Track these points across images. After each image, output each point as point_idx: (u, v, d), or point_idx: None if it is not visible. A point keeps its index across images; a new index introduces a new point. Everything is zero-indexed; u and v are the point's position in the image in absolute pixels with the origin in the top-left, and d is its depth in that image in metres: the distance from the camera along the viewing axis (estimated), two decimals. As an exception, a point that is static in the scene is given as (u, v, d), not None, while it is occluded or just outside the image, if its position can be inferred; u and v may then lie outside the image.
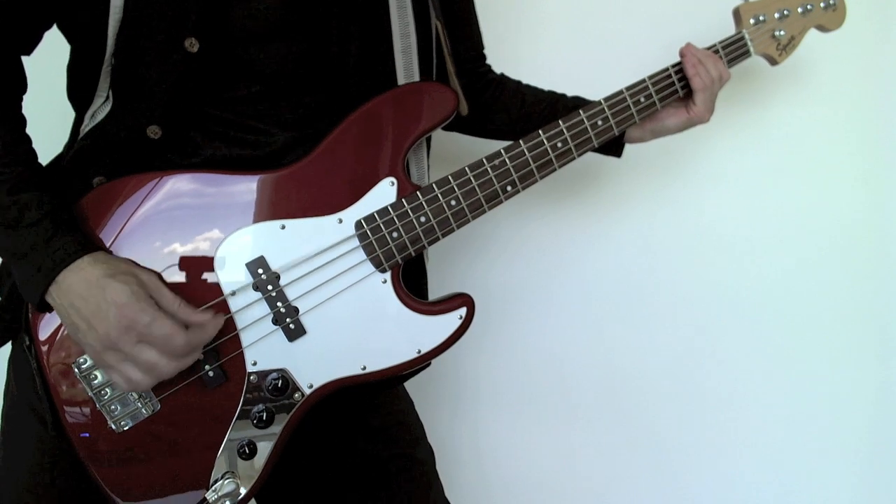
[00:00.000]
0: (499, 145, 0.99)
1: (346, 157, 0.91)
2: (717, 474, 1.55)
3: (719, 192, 1.47)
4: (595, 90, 1.11)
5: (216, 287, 0.87)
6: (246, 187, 0.88)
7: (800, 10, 1.18)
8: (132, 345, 0.77)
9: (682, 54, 1.10)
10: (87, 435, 0.85)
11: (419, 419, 1.09)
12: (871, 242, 1.49)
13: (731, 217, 1.48)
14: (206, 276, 0.87)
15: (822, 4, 1.19)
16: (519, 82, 1.21)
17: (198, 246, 0.87)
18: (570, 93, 1.17)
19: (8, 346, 0.93)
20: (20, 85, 0.85)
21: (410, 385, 1.10)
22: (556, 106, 1.15)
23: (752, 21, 1.15)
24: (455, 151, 1.22)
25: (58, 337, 0.84)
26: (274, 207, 0.89)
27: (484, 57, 1.20)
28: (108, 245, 0.85)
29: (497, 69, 1.22)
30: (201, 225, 0.87)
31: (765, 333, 1.51)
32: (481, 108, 1.15)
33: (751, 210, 1.48)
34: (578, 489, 1.55)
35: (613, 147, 1.17)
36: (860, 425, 1.53)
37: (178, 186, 0.87)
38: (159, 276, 0.84)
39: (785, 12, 1.17)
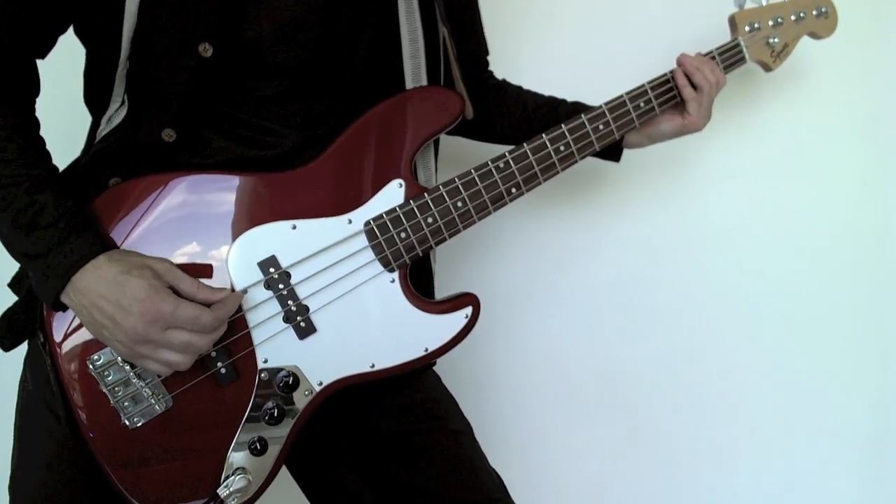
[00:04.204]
0: (501, 149, 1.01)
1: (355, 159, 0.93)
2: (718, 473, 1.56)
3: (721, 192, 1.49)
4: (596, 95, 1.12)
5: (228, 285, 0.88)
6: (257, 188, 0.90)
7: (793, 17, 1.21)
8: (161, 333, 0.79)
9: (678, 62, 1.12)
10: (100, 430, 0.86)
11: (449, 394, 1.08)
12: (871, 242, 1.50)
13: (732, 217, 1.50)
14: (219, 274, 0.88)
15: (814, 12, 1.23)
16: (520, 88, 1.23)
17: (210, 245, 0.88)
18: (571, 97, 1.19)
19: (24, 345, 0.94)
20: (35, 88, 0.87)
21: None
22: (556, 111, 1.17)
23: (747, 28, 1.18)
24: (463, 154, 1.24)
25: (72, 334, 0.85)
26: (285, 208, 0.90)
27: (487, 63, 1.22)
28: (120, 245, 0.86)
29: (499, 73, 1.24)
30: (213, 224, 0.89)
31: (766, 332, 1.52)
32: (484, 113, 1.17)
33: (752, 210, 1.50)
34: (582, 487, 1.56)
35: (612, 152, 1.19)
36: (860, 424, 1.54)
37: (191, 187, 0.88)
38: (171, 262, 0.85)
39: (779, 20, 1.20)
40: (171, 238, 0.88)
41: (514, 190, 1.01)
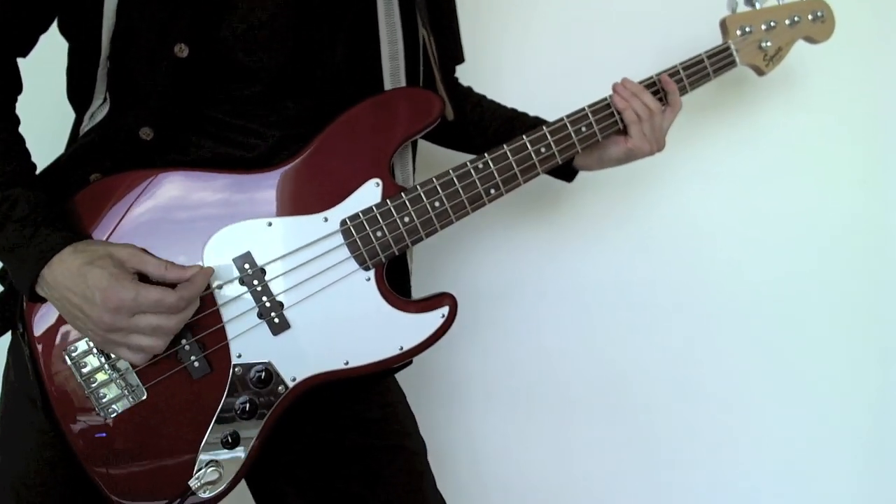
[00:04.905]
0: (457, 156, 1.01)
1: (333, 157, 0.94)
2: (713, 474, 1.55)
3: (716, 192, 1.49)
4: (583, 101, 1.11)
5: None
6: (235, 185, 0.92)
7: (787, 21, 1.20)
8: (128, 320, 0.80)
9: (613, 88, 1.08)
10: (75, 421, 0.88)
11: (411, 412, 1.10)
12: (870, 243, 1.49)
13: (728, 217, 1.49)
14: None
15: (809, 16, 1.21)
16: (482, 97, 1.23)
17: (188, 241, 0.90)
18: (557, 103, 1.17)
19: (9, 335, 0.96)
20: (16, 86, 0.89)
21: (404, 384, 1.12)
22: (513, 124, 1.16)
23: (738, 32, 1.17)
24: (440, 159, 1.25)
25: (51, 325, 0.87)
26: (261, 205, 0.92)
27: (454, 70, 1.20)
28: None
29: (481, 76, 1.24)
30: (190, 221, 0.90)
31: (763, 333, 1.51)
32: (462, 122, 1.17)
33: (748, 211, 1.49)
34: (572, 487, 1.56)
35: (565, 173, 1.19)
36: (860, 425, 1.52)
37: (171, 183, 0.90)
38: (138, 247, 0.86)
39: (772, 23, 1.19)
40: (149, 233, 0.89)
41: (492, 191, 1.01)
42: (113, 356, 0.87)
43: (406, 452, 1.05)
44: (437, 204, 0.98)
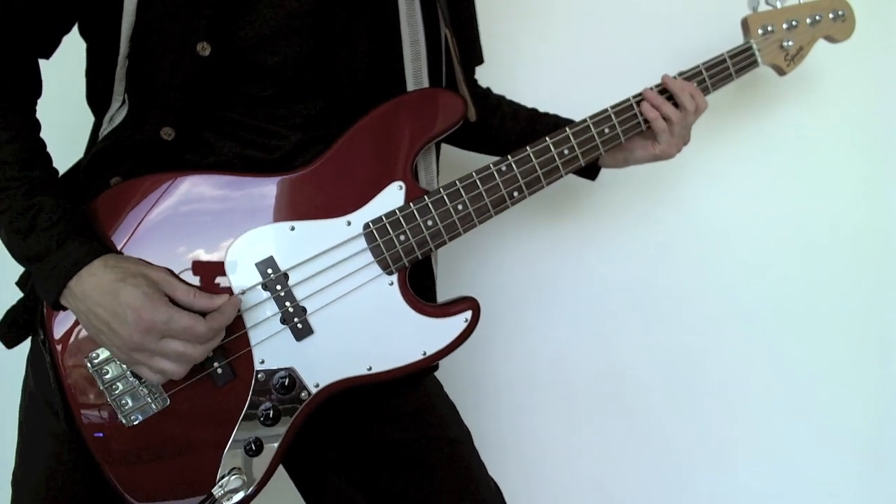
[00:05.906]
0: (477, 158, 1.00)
1: (355, 160, 0.93)
2: (719, 473, 1.55)
3: (723, 195, 1.48)
4: (600, 102, 1.08)
5: (226, 286, 0.89)
6: (257, 189, 0.90)
7: (808, 20, 1.19)
8: (156, 342, 0.80)
9: (643, 95, 1.06)
10: (97, 428, 0.87)
11: (449, 401, 1.08)
12: (872, 243, 1.49)
13: (733, 218, 1.49)
14: (217, 274, 0.88)
15: (830, 15, 1.20)
16: (501, 97, 1.22)
17: (209, 245, 0.89)
18: (575, 105, 1.16)
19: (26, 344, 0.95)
20: (36, 89, 0.88)
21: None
22: (534, 125, 1.15)
23: (760, 31, 1.16)
24: (464, 160, 1.24)
25: (71, 332, 0.86)
26: (284, 209, 0.91)
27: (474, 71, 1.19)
28: (121, 244, 0.87)
29: (497, 78, 1.23)
30: (213, 225, 0.89)
31: (767, 334, 1.51)
32: (482, 123, 1.15)
33: (753, 212, 1.48)
34: (583, 488, 1.56)
35: (588, 171, 1.17)
36: (861, 425, 1.52)
37: (191, 187, 0.89)
38: (170, 271, 0.86)
39: (793, 23, 1.18)
40: (170, 238, 0.88)
41: (516, 193, 1.00)
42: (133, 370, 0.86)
43: (447, 442, 1.02)
44: (459, 207, 0.97)
